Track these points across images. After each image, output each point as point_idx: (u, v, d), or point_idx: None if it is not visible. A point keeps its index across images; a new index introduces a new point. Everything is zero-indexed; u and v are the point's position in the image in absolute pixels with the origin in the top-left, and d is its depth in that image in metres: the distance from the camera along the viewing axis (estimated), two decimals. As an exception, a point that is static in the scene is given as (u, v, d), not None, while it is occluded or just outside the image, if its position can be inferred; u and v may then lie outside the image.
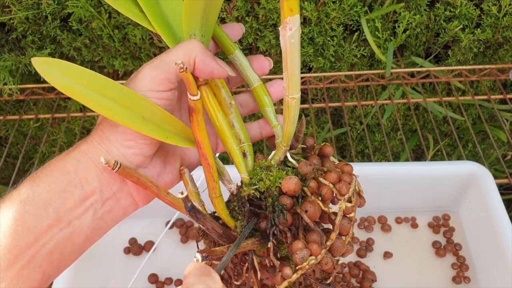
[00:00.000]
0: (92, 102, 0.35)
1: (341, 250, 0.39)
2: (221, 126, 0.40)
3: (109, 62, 1.00)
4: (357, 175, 0.41)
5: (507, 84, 1.06)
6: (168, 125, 0.38)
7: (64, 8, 0.91)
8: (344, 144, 1.14)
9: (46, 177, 0.36)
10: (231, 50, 0.42)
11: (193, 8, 0.36)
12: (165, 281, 0.73)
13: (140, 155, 0.38)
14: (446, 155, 0.87)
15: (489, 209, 0.70)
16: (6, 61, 0.93)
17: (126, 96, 0.36)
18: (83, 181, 0.36)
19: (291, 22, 0.34)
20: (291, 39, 0.34)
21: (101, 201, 0.37)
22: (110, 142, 0.37)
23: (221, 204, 0.40)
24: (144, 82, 0.37)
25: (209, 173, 0.39)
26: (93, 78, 0.36)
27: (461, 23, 0.94)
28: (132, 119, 0.36)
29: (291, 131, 0.40)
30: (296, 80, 0.37)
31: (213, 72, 0.38)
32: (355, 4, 0.91)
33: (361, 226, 0.79)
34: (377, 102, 0.98)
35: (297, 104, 0.38)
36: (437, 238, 0.78)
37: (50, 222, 0.35)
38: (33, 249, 0.34)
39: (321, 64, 0.98)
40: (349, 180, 0.39)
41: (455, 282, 0.72)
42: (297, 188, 0.38)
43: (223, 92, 0.42)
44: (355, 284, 0.73)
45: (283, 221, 0.38)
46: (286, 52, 0.35)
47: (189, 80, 0.35)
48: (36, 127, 1.08)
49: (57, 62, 0.36)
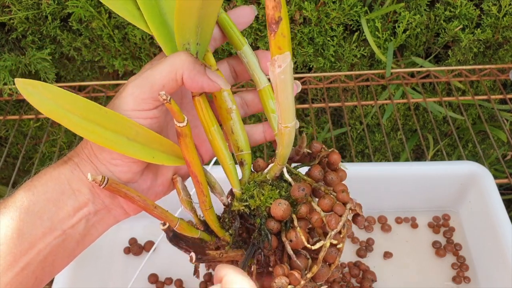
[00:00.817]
0: (76, 126, 0.35)
1: (325, 277, 0.38)
2: (214, 140, 0.39)
3: (109, 62, 1.00)
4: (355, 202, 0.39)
5: (507, 84, 1.06)
6: (155, 144, 0.37)
7: (64, 8, 0.91)
8: (344, 144, 1.14)
9: (41, 186, 0.36)
10: (239, 45, 0.39)
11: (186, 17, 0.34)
12: (165, 281, 0.73)
13: (128, 172, 0.38)
14: (446, 155, 0.87)
15: (489, 209, 0.70)
16: (6, 61, 0.93)
17: (109, 118, 0.36)
18: (76, 192, 0.37)
19: (280, 60, 0.32)
20: (281, 76, 0.32)
21: (94, 211, 0.38)
22: (98, 160, 0.37)
23: (211, 216, 0.40)
24: (127, 101, 0.36)
25: (199, 189, 0.39)
26: (75, 101, 0.35)
27: (461, 23, 0.94)
28: (116, 142, 0.36)
29: (285, 154, 0.39)
30: (289, 111, 0.35)
31: (203, 88, 0.36)
32: (355, 4, 0.91)
33: (361, 226, 0.79)
34: (377, 102, 0.98)
35: (291, 132, 0.37)
36: (437, 238, 0.78)
37: (44, 230, 0.35)
38: (28, 256, 0.35)
39: (321, 64, 0.98)
40: (340, 212, 0.37)
41: (455, 282, 0.72)
42: (285, 215, 0.37)
43: (224, 96, 0.40)
44: (355, 284, 0.73)
45: (267, 246, 0.38)
46: (277, 87, 0.33)
47: (173, 110, 0.34)
48: (36, 127, 1.08)
49: (40, 85, 0.35)
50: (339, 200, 0.38)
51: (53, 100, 0.35)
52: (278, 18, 0.29)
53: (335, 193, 0.39)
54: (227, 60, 0.42)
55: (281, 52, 0.31)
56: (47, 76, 0.97)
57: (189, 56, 0.36)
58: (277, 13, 0.29)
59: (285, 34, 0.30)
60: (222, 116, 0.40)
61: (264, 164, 0.41)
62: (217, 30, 0.40)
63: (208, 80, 0.36)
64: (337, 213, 0.37)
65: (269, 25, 0.30)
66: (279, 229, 0.38)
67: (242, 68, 0.41)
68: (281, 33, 0.30)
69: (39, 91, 0.35)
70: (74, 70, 1.05)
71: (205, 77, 0.36)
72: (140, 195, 0.38)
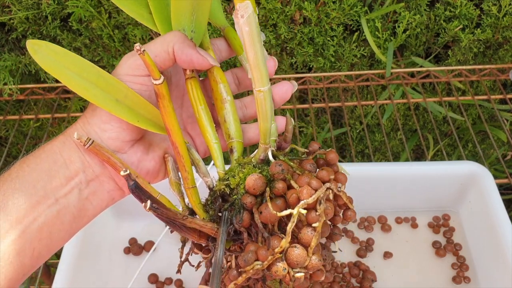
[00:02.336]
0: (70, 81, 0.38)
1: (300, 262, 0.35)
2: (200, 118, 0.41)
3: (109, 62, 1.00)
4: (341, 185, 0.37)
5: (507, 84, 1.06)
6: (142, 110, 0.39)
7: (64, 8, 0.91)
8: (344, 144, 1.14)
9: (34, 158, 0.38)
10: (239, 51, 0.42)
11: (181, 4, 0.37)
12: (165, 281, 0.73)
13: (117, 140, 0.39)
14: (446, 155, 0.87)
15: (489, 209, 0.70)
16: (6, 61, 0.93)
17: (101, 78, 0.38)
18: (67, 161, 0.38)
19: (242, 9, 0.31)
20: (245, 27, 0.32)
21: (85, 182, 0.39)
22: (90, 125, 0.39)
23: (194, 196, 0.39)
24: (121, 67, 0.39)
25: (180, 162, 0.39)
26: (74, 60, 0.39)
27: (461, 23, 0.94)
28: (105, 100, 0.38)
29: (265, 128, 0.38)
30: (261, 71, 0.34)
31: (193, 61, 0.38)
32: (355, 4, 0.91)
33: (361, 226, 0.79)
34: (377, 102, 0.98)
35: (265, 97, 0.36)
36: (437, 238, 0.78)
37: (38, 198, 0.36)
38: (23, 224, 0.36)
39: (321, 64, 0.98)
40: (315, 186, 0.35)
41: (455, 282, 0.72)
42: (257, 185, 0.36)
43: (220, 87, 0.41)
44: (355, 284, 0.73)
45: (239, 220, 0.36)
46: (244, 41, 0.33)
47: (148, 63, 0.36)
48: (36, 127, 1.08)
49: (46, 45, 0.38)
50: (318, 177, 0.36)
51: (54, 57, 0.38)
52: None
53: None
54: (231, 71, 0.44)
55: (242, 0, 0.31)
56: (47, 76, 0.97)
57: (181, 33, 0.39)
58: None
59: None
60: (217, 106, 0.42)
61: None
62: (224, 43, 0.43)
63: (197, 54, 0.38)
64: (311, 186, 0.35)
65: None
66: (253, 204, 0.37)
67: (244, 74, 0.43)
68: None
69: (43, 50, 0.38)
70: (74, 70, 1.05)
71: (194, 50, 0.38)
72: (122, 161, 0.38)
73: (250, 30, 0.32)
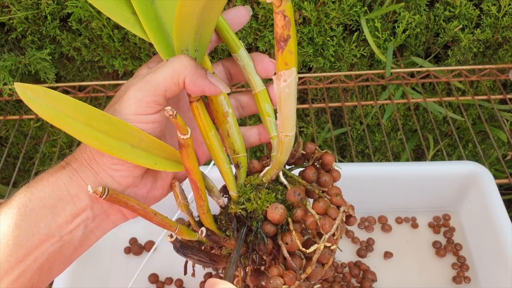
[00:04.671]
0: (78, 132, 0.34)
1: (319, 277, 0.39)
2: (212, 145, 0.40)
3: (109, 62, 1.00)
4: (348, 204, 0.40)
5: (507, 84, 1.06)
6: (157, 151, 0.37)
7: (64, 8, 0.91)
8: (344, 144, 1.14)
9: (38, 192, 0.36)
10: (235, 49, 0.40)
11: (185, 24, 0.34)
12: (165, 281, 0.73)
13: (129, 177, 0.37)
14: (446, 155, 0.87)
15: (489, 209, 0.70)
16: (6, 61, 0.93)
17: (113, 126, 0.35)
18: (74, 198, 0.36)
19: (286, 75, 0.33)
20: (286, 89, 0.33)
21: (92, 217, 0.37)
22: (98, 165, 0.37)
23: (209, 219, 0.41)
24: (129, 105, 0.35)
25: (198, 194, 0.39)
26: (78, 107, 0.35)
27: (461, 23, 0.94)
28: (120, 149, 0.35)
29: (283, 160, 0.40)
30: (291, 121, 0.36)
31: (204, 91, 0.36)
32: (355, 4, 0.91)
33: (362, 226, 0.79)
34: (377, 102, 0.98)
35: (290, 140, 0.37)
36: (437, 238, 0.78)
37: (41, 237, 0.35)
38: (24, 264, 0.34)
39: (320, 64, 0.98)
40: (334, 215, 0.38)
41: (455, 282, 0.72)
42: (282, 219, 0.38)
43: (220, 100, 0.40)
44: (355, 284, 0.73)
45: (263, 249, 0.39)
46: (280, 99, 0.34)
47: (178, 124, 0.34)
48: (37, 127, 1.08)
49: (41, 90, 0.34)
50: (333, 203, 0.39)
51: (54, 105, 0.34)
52: (286, 36, 0.30)
53: (329, 196, 0.40)
54: (222, 62, 0.42)
55: (287, 68, 0.32)
56: (47, 76, 0.97)
57: (190, 60, 0.36)
58: (286, 32, 0.30)
59: (292, 51, 0.31)
60: (219, 119, 0.41)
61: (258, 165, 0.42)
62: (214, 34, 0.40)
63: (210, 84, 0.36)
64: (331, 217, 0.38)
65: (278, 42, 0.31)
66: (275, 232, 0.39)
67: (237, 70, 0.41)
68: (289, 50, 0.31)
69: (39, 96, 0.34)
70: (74, 70, 1.05)
71: (206, 80, 0.36)
72: (140, 204, 0.38)
73: (290, 91, 0.34)
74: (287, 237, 0.38)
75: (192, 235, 0.41)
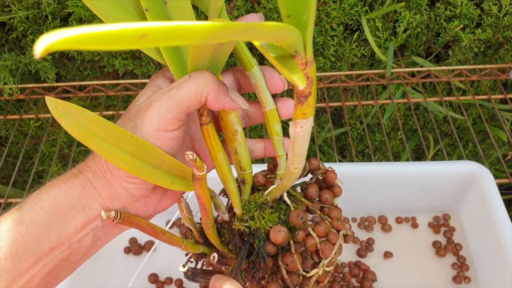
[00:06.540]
0: (105, 152, 0.35)
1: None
2: (220, 166, 0.41)
3: (109, 62, 1.00)
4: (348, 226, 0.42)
5: (507, 84, 1.06)
6: (176, 171, 0.39)
7: (64, 7, 0.91)
8: (345, 144, 1.14)
9: (50, 200, 0.36)
10: (248, 67, 0.40)
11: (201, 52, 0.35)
12: (165, 281, 0.73)
13: (143, 189, 0.38)
14: (446, 155, 0.87)
15: (489, 209, 0.70)
16: (6, 61, 0.93)
17: (138, 147, 0.36)
18: (86, 207, 0.36)
19: (303, 123, 0.34)
20: (301, 133, 0.35)
21: (101, 226, 0.38)
22: (113, 177, 0.37)
23: (213, 234, 0.42)
24: (152, 121, 0.36)
25: (205, 215, 0.41)
26: (108, 128, 0.35)
27: (462, 23, 0.94)
28: (142, 169, 0.36)
29: (289, 186, 0.41)
30: (302, 157, 0.38)
31: (225, 107, 0.37)
32: (356, 4, 0.91)
33: (362, 226, 0.79)
34: (378, 102, 0.98)
35: (298, 172, 0.39)
36: (437, 238, 0.78)
37: (51, 245, 0.35)
38: (32, 271, 0.35)
39: (321, 63, 0.98)
40: (334, 240, 0.40)
41: (455, 282, 0.72)
42: (284, 241, 0.40)
43: (231, 118, 0.41)
44: (355, 284, 0.73)
45: (264, 267, 0.40)
46: (294, 140, 0.36)
47: (197, 165, 0.35)
48: (36, 126, 1.08)
49: (72, 107, 0.35)
50: (333, 227, 0.41)
51: (84, 123, 0.35)
52: (308, 93, 0.32)
53: (330, 218, 0.42)
54: (232, 71, 0.42)
55: (305, 118, 0.34)
56: (47, 76, 0.97)
57: (213, 76, 0.36)
58: (307, 90, 0.31)
59: (311, 104, 0.33)
60: (228, 137, 0.41)
61: (263, 179, 0.43)
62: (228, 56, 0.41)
63: (231, 101, 0.37)
64: (331, 242, 0.40)
65: (298, 97, 0.32)
66: (276, 252, 0.41)
67: (247, 81, 0.42)
68: (308, 104, 0.33)
69: (70, 113, 0.35)
70: (74, 69, 1.05)
71: (228, 97, 0.36)
72: (150, 224, 0.40)
73: (304, 135, 0.35)
74: (288, 259, 0.40)
75: (196, 248, 0.43)
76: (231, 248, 0.43)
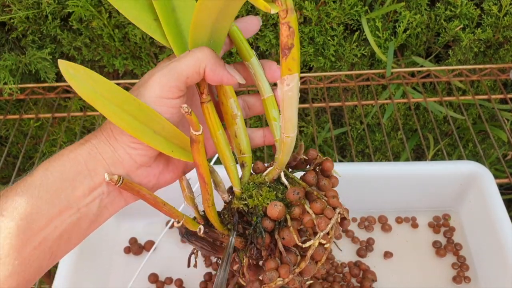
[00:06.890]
0: (110, 113, 0.38)
1: (312, 273, 0.42)
2: (219, 143, 0.42)
3: (109, 62, 1.00)
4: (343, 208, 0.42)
5: (507, 84, 1.06)
6: (175, 139, 0.40)
7: (64, 7, 0.91)
8: (345, 144, 1.14)
9: (59, 166, 0.38)
10: (247, 57, 0.42)
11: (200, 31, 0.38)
12: (165, 280, 0.73)
13: (145, 156, 0.40)
14: (446, 154, 0.87)
15: (489, 209, 0.70)
16: (6, 61, 0.93)
17: (141, 110, 0.38)
18: (92, 172, 0.39)
19: (289, 79, 0.35)
20: (288, 92, 0.36)
21: (107, 192, 0.40)
22: (117, 142, 0.39)
23: (213, 212, 0.43)
24: (154, 88, 0.39)
25: (205, 189, 0.42)
26: (114, 90, 0.38)
27: (462, 23, 0.94)
28: (144, 133, 0.38)
29: (285, 160, 0.42)
30: (292, 123, 0.39)
31: (223, 80, 0.39)
32: (356, 4, 0.91)
33: (362, 226, 0.79)
34: (378, 102, 0.98)
35: (292, 141, 0.40)
36: (437, 238, 0.78)
37: (61, 208, 0.37)
38: (45, 232, 0.37)
39: (321, 63, 0.98)
40: (330, 215, 0.41)
41: (455, 282, 0.72)
42: (280, 215, 0.41)
43: (230, 102, 0.43)
44: (355, 283, 0.73)
45: (261, 242, 0.41)
46: (283, 101, 0.37)
47: (192, 121, 0.37)
48: (36, 126, 1.08)
49: (82, 69, 0.37)
50: (329, 204, 0.42)
51: (92, 85, 0.38)
52: (290, 45, 0.33)
53: (326, 198, 0.42)
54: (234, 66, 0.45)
55: (290, 73, 0.35)
56: (47, 76, 0.97)
57: (211, 51, 0.39)
58: (290, 41, 0.33)
59: (295, 58, 0.34)
60: (228, 121, 0.43)
61: (262, 167, 0.45)
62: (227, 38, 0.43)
63: (228, 74, 0.39)
64: (327, 216, 0.40)
65: (282, 50, 0.33)
66: (273, 227, 0.42)
67: (246, 74, 0.44)
68: (292, 57, 0.34)
69: (80, 75, 0.37)
70: (74, 69, 1.04)
71: (225, 70, 0.39)
72: (151, 193, 0.41)
73: (292, 95, 0.37)
74: (284, 232, 0.41)
75: (196, 226, 0.44)
76: (230, 228, 0.44)
